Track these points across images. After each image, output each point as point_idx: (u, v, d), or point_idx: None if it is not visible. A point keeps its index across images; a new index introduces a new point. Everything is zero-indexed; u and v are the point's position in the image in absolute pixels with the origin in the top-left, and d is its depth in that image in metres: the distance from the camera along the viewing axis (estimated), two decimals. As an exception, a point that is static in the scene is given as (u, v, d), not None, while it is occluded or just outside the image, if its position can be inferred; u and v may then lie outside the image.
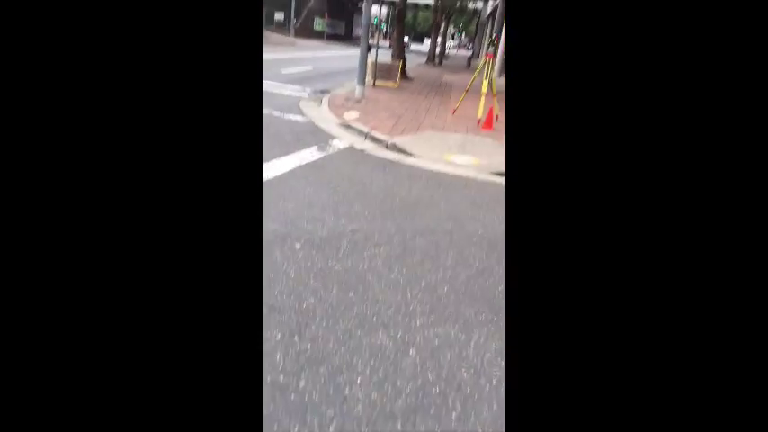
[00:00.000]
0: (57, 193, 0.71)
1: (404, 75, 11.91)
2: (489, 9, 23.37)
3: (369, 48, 8.13)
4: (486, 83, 6.79)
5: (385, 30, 40.49)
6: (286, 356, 1.69)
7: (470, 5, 25.14)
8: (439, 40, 23.40)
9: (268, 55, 14.90)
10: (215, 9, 0.76)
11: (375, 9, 10.97)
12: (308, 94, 8.28)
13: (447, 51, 28.89)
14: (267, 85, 8.50)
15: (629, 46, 0.74)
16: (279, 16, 35.02)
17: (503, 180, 4.37)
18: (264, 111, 6.21)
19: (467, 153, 5.06)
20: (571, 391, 0.73)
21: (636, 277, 0.73)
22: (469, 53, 27.19)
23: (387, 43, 29.90)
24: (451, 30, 45.70)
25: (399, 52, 11.94)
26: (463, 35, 56.86)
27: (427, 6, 28.56)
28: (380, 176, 3.97)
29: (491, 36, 17.90)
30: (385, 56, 11.57)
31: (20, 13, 0.69)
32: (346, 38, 44.00)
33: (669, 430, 0.69)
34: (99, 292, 0.72)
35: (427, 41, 29.46)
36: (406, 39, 40.20)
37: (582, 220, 0.76)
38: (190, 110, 0.76)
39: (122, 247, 0.73)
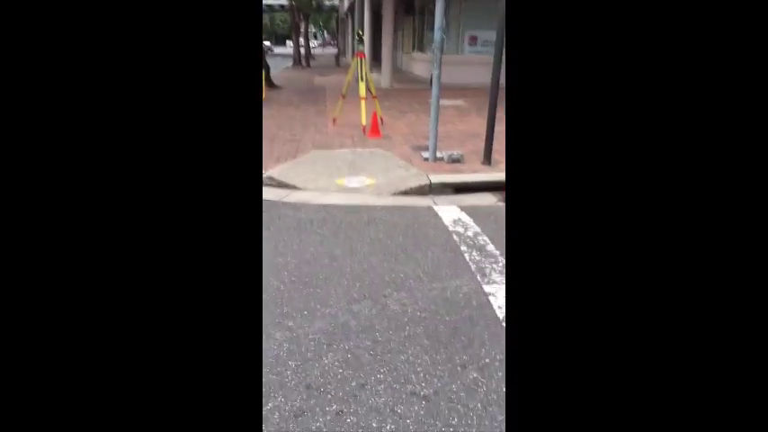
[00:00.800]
0: (54, 195, 0.72)
1: (270, 84, 10.82)
2: (347, 4, 23.01)
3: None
4: (362, 85, 6.10)
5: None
6: None
7: (327, 2, 24.62)
8: (302, 40, 22.69)
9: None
10: (215, 9, 0.77)
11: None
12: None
13: (312, 51, 28.18)
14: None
15: (629, 47, 0.75)
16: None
17: (408, 201, 3.71)
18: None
19: (359, 172, 4.32)
20: (570, 398, 0.74)
21: (639, 282, 0.74)
22: (335, 51, 26.70)
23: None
24: (312, 29, 45.03)
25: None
26: (325, 33, 56.44)
27: (282, 7, 27.37)
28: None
29: (354, 32, 17.43)
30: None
31: (20, 13, 0.69)
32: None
33: None
34: (99, 293, 0.73)
35: (290, 44, 28.34)
36: (267, 43, 38.81)
37: (584, 224, 0.76)
38: (187, 111, 0.77)
39: (122, 248, 0.73)
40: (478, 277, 2.38)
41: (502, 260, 2.57)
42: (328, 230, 3.01)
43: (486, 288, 2.28)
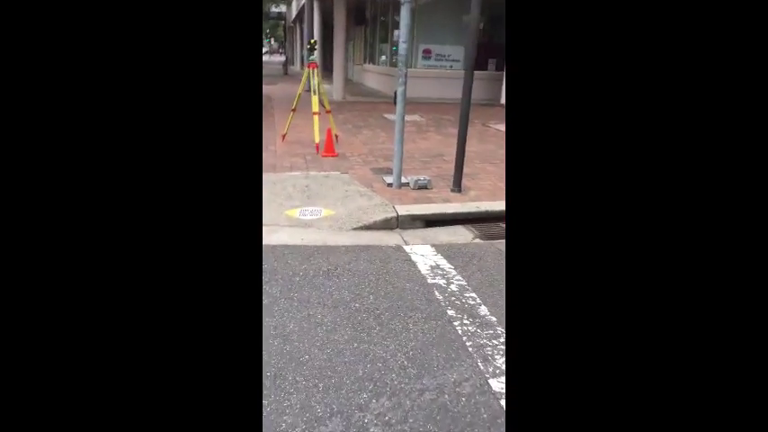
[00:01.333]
0: (53, 196, 0.72)
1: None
2: (295, 12, 22.33)
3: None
4: (315, 99, 5.52)
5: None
6: None
7: (274, 9, 23.82)
8: None
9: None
10: (215, 9, 0.78)
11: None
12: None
13: None
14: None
15: (630, 48, 0.75)
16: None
17: (373, 238, 3.17)
18: None
19: (314, 200, 3.73)
20: (570, 401, 0.74)
21: (641, 287, 0.74)
22: (283, 59, 25.84)
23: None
24: None
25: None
26: (272, 41, 55.23)
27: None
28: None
29: (303, 41, 16.76)
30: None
31: (20, 12, 0.70)
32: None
33: None
34: (98, 294, 0.73)
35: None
36: None
37: (586, 228, 0.76)
38: (187, 112, 0.77)
39: (122, 248, 0.74)
40: (480, 364, 1.83)
41: (501, 331, 2.05)
42: (278, 289, 2.37)
43: (494, 384, 1.72)
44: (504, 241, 3.20)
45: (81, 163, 0.72)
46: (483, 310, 2.23)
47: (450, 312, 2.19)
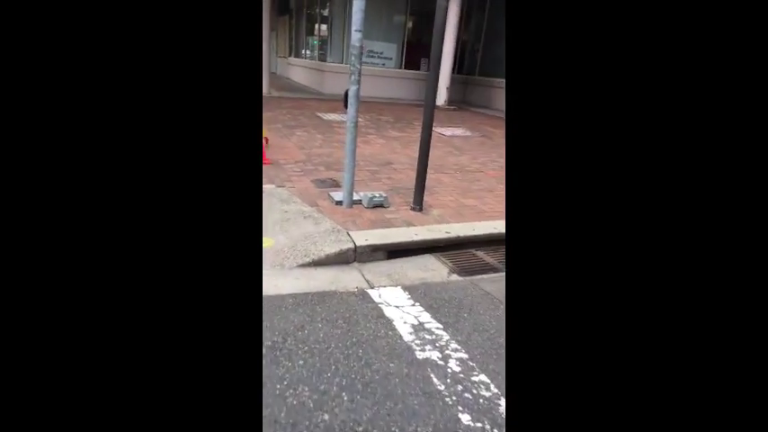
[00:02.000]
0: (53, 196, 0.72)
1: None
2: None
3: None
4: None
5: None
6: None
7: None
8: None
9: None
10: (215, 10, 0.76)
11: None
12: None
13: None
14: None
15: (631, 49, 0.74)
16: None
17: (327, 279, 2.47)
18: None
19: (246, 227, 2.92)
20: (571, 404, 0.73)
21: (643, 289, 0.73)
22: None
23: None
24: None
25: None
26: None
27: None
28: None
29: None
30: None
31: (20, 12, 0.69)
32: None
33: None
34: (98, 295, 0.73)
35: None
36: None
37: (586, 228, 0.75)
38: (186, 112, 0.76)
39: (122, 248, 0.74)
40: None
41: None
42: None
43: None
44: (485, 277, 2.66)
45: (71, 163, 0.71)
46: (495, 391, 1.63)
47: (466, 420, 1.52)
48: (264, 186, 3.70)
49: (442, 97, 10.11)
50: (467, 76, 12.17)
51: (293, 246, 2.73)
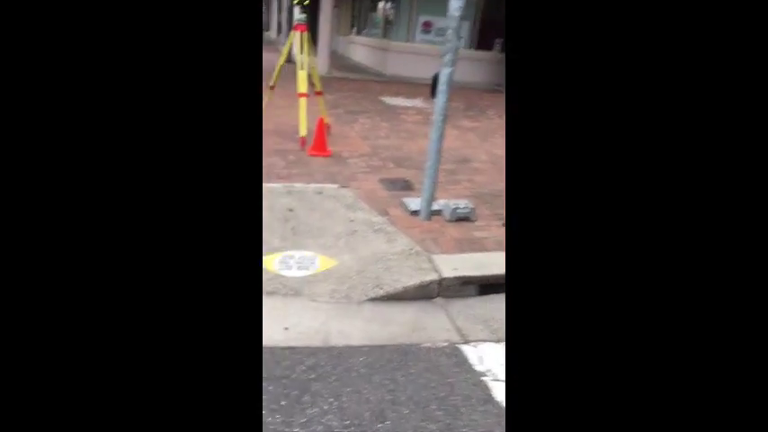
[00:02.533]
0: (52, 197, 0.72)
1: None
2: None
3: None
4: (302, 75, 4.08)
5: None
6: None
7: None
8: None
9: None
10: (215, 10, 0.76)
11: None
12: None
13: None
14: None
15: (631, 51, 0.74)
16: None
17: (409, 324, 1.88)
18: None
19: (302, 235, 2.39)
20: (571, 400, 0.73)
21: (643, 288, 0.73)
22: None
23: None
24: None
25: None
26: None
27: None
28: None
29: (284, 3, 14.84)
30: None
31: (20, 12, 0.69)
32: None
33: None
34: (98, 295, 0.73)
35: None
36: None
37: (587, 228, 0.75)
38: (186, 113, 0.75)
39: (122, 248, 0.73)
40: None
41: None
42: None
43: None
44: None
45: (69, 164, 0.71)
46: None
47: None
48: (326, 186, 3.16)
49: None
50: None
51: (362, 270, 2.17)
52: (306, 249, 2.31)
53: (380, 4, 11.80)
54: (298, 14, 4.18)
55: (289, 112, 5.01)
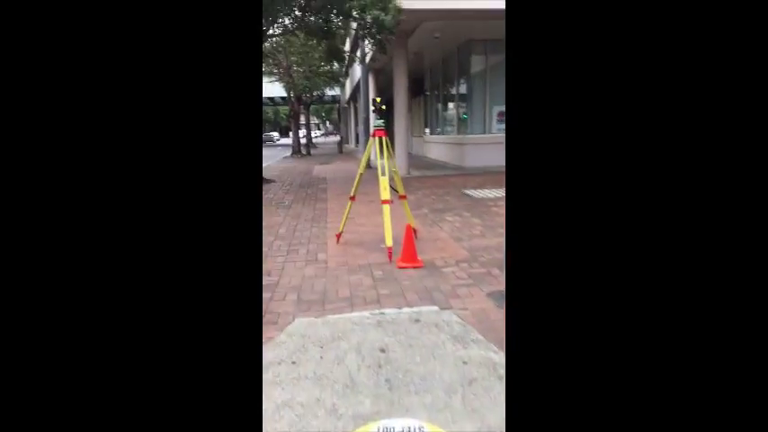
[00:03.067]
0: (52, 197, 0.71)
1: (258, 178, 8.66)
2: (349, 93, 22.16)
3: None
4: (384, 182, 3.73)
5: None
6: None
7: (328, 93, 23.98)
8: (304, 130, 22.48)
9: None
10: (215, 11, 0.77)
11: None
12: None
13: (315, 140, 27.92)
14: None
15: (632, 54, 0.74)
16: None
17: None
18: None
19: (400, 391, 1.72)
20: (571, 399, 0.73)
21: (643, 289, 0.73)
22: (338, 138, 25.62)
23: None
24: (315, 120, 46.41)
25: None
26: (328, 123, 57.66)
27: (284, 99, 26.77)
28: None
29: (359, 119, 15.86)
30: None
31: (20, 12, 0.69)
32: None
33: None
34: (98, 295, 0.73)
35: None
36: (274, 134, 40.76)
37: (586, 229, 0.76)
38: (186, 114, 0.76)
39: (123, 248, 0.73)
40: None
41: None
42: None
43: None
44: None
45: (68, 165, 0.71)
46: None
47: None
48: (423, 309, 2.54)
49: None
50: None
51: (496, 454, 1.42)
52: (409, 414, 1.64)
53: (451, 105, 11.99)
54: (375, 121, 3.95)
55: (371, 220, 4.65)
